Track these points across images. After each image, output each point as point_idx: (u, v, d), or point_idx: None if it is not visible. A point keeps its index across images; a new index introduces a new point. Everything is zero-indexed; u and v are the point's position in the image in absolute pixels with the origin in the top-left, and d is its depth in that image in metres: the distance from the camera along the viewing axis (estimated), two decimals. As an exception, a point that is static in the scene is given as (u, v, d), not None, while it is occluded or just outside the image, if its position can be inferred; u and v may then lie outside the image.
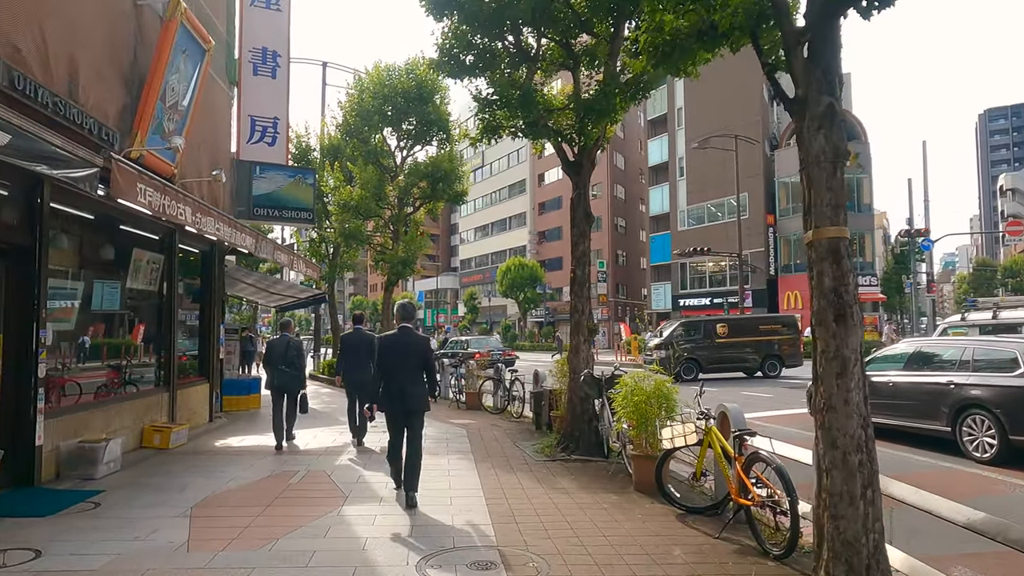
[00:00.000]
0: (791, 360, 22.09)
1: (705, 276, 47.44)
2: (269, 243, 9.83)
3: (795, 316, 24.60)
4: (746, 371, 22.21)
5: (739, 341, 21.96)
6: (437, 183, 19.58)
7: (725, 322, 22.85)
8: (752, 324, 23.03)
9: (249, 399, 14.11)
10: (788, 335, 22.29)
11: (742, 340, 22.00)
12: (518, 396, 12.92)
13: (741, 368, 22.05)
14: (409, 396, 6.44)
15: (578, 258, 9.29)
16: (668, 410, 6.81)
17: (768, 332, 22.18)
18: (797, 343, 22.34)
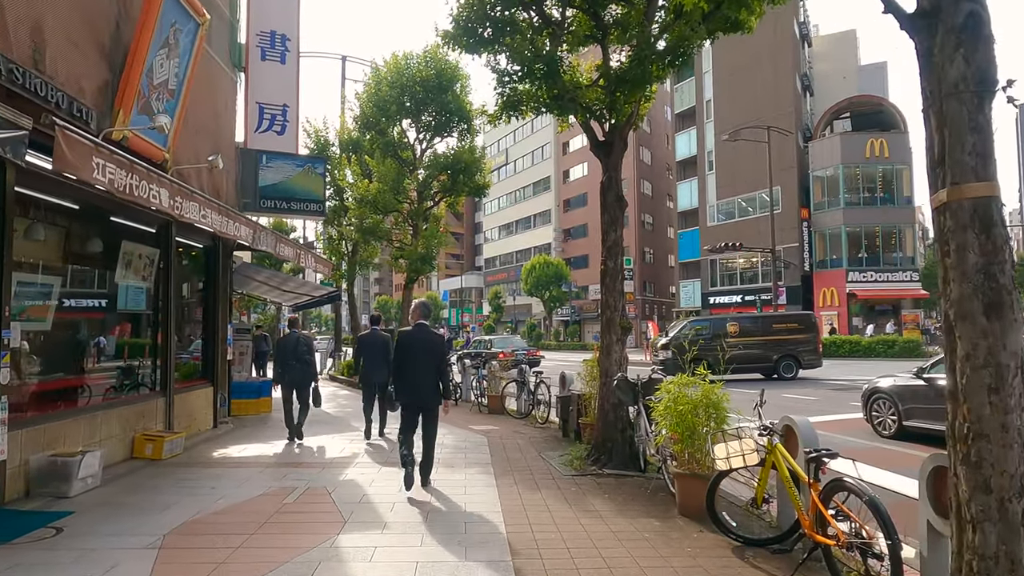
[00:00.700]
0: (809, 361, 20.74)
1: (736, 273, 46.01)
2: (270, 235, 9.03)
3: (811, 314, 23.30)
4: (761, 373, 21.03)
5: (752, 341, 20.76)
6: (457, 175, 18.69)
7: (736, 321, 21.64)
8: (766, 323, 21.78)
9: (259, 403, 13.37)
10: (805, 334, 20.97)
11: (755, 340, 20.80)
12: (543, 400, 12.00)
13: (755, 370, 20.86)
14: (423, 389, 6.84)
15: (609, 248, 8.33)
16: (718, 421, 5.84)
17: (783, 331, 20.94)
18: (815, 342, 21.01)
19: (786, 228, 39.78)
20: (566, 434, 10.32)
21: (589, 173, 63.88)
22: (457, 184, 19.04)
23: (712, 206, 47.21)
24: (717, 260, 46.25)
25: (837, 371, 23.16)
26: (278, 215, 12.24)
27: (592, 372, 9.37)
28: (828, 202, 40.03)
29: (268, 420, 12.38)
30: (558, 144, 68.71)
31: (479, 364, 14.85)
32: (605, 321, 8.34)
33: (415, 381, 6.78)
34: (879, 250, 38.91)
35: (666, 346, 20.96)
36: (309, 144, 24.12)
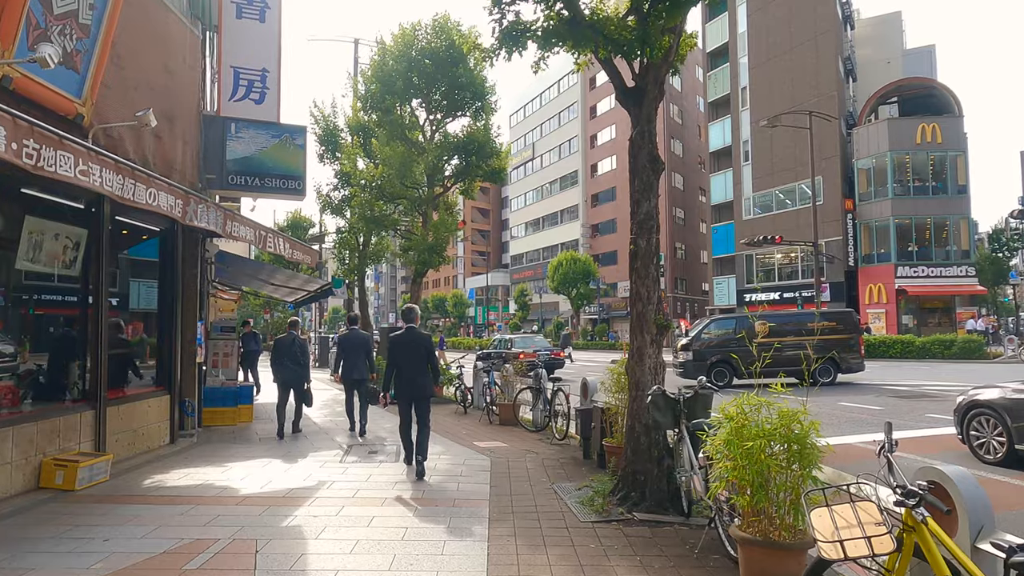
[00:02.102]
0: (849, 363, 18.37)
1: (773, 268, 43.55)
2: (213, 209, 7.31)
3: (852, 312, 20.90)
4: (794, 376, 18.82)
5: (784, 341, 18.56)
6: (470, 156, 16.83)
7: (766, 319, 19.40)
8: (800, 321, 19.48)
9: (238, 411, 11.70)
10: (845, 334, 18.61)
11: (788, 340, 18.60)
12: (561, 410, 10.12)
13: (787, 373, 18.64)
14: (417, 384, 7.65)
15: (640, 222, 6.43)
16: (806, 463, 3.93)
17: (820, 331, 18.68)
18: (856, 343, 18.60)
19: (828, 221, 37.28)
20: (587, 455, 8.46)
21: (618, 167, 61.73)
22: (470, 167, 17.17)
23: (747, 198, 44.78)
24: (753, 255, 43.87)
25: (891, 374, 20.87)
26: (249, 194, 10.54)
27: (619, 381, 7.49)
28: (874, 192, 37.41)
29: (244, 432, 10.70)
30: (586, 137, 66.65)
31: (489, 367, 13.02)
32: (635, 317, 6.44)
33: (409, 376, 7.62)
34: (931, 243, 36.22)
35: (687, 347, 18.92)
36: (317, 131, 22.55)
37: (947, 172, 36.33)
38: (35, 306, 7.36)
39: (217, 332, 13.81)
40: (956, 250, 36.17)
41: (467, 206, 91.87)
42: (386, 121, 16.91)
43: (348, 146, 18.52)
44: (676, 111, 58.12)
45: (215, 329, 13.88)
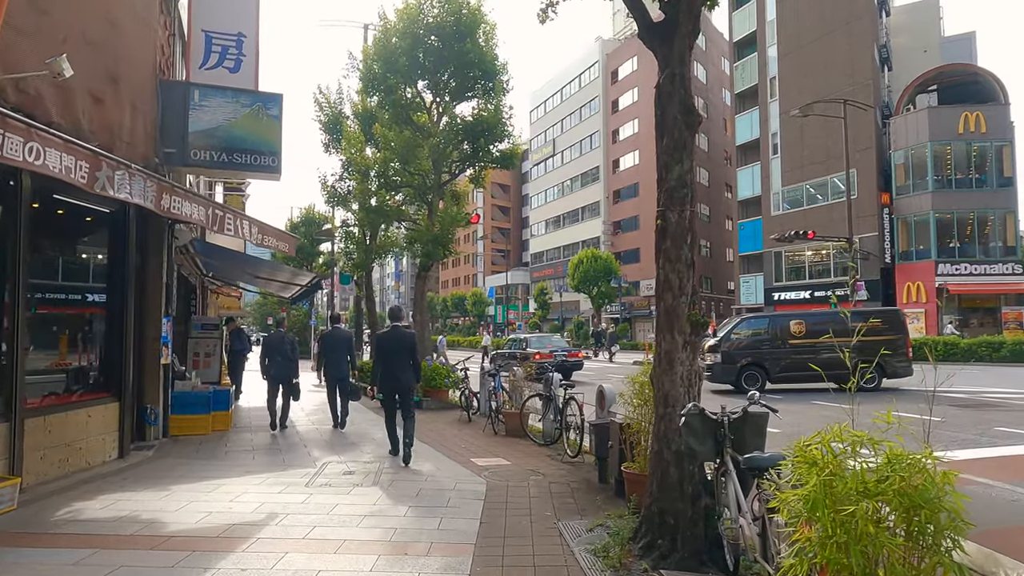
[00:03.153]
0: (896, 367, 16.59)
1: (803, 266, 41.65)
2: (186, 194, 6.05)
3: (898, 310, 19.16)
4: (834, 381, 17.12)
5: (822, 343, 16.90)
6: (478, 139, 15.42)
7: (802, 318, 17.72)
8: (840, 321, 17.70)
9: (214, 418, 10.44)
10: (891, 335, 16.79)
11: (826, 342, 16.93)
12: (574, 422, 8.70)
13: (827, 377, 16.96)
14: (401, 379, 8.19)
15: (670, 190, 5.00)
16: (938, 539, 2.49)
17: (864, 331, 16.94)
18: (903, 345, 16.72)
19: (863, 215, 35.37)
20: (603, 479, 7.05)
21: (641, 162, 60.08)
22: (478, 150, 15.76)
23: (776, 193, 42.92)
24: (782, 252, 42.00)
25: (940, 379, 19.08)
26: (215, 171, 9.26)
27: (642, 392, 6.06)
28: (913, 185, 35.40)
29: (213, 443, 9.43)
30: (607, 132, 65.04)
31: (495, 370, 11.61)
32: (663, 312, 5.02)
33: (394, 373, 8.10)
34: (974, 239, 34.14)
35: (715, 348, 17.33)
36: (321, 118, 21.33)
37: (991, 163, 34.22)
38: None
39: (197, 330, 12.63)
40: (1001, 246, 34.05)
41: (487, 203, 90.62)
42: (388, 101, 15.59)
43: (351, 132, 17.21)
44: (701, 104, 56.23)
45: (195, 327, 12.70)
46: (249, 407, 13.93)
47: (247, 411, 13.39)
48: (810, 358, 16.80)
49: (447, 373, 14.23)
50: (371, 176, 15.91)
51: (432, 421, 12.13)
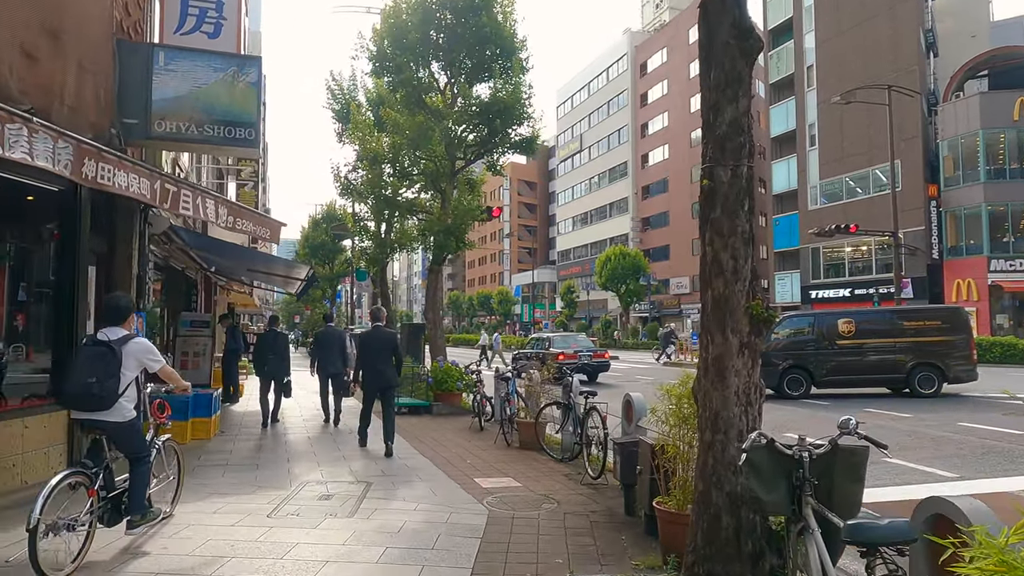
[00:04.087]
0: (958, 371, 14.87)
1: (843, 263, 39.69)
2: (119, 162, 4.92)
3: (961, 309, 17.42)
4: (887, 386, 15.53)
5: (874, 344, 15.27)
6: (494, 121, 14.13)
7: (852, 317, 16.11)
8: (894, 320, 16.05)
9: (196, 425, 9.38)
10: (952, 335, 15.02)
11: (878, 343, 15.30)
12: (596, 436, 7.40)
13: (877, 382, 15.35)
14: (384, 375, 8.74)
15: (721, 139, 3.71)
16: None
17: (919, 331, 15.24)
18: (966, 347, 15.02)
19: (908, 209, 33.32)
20: (630, 510, 5.77)
21: (670, 156, 58.38)
22: (495, 134, 14.47)
23: (814, 187, 41.01)
24: (820, 248, 40.09)
25: (1005, 383, 17.38)
26: (183, 145, 8.13)
27: (680, 408, 4.77)
28: (963, 176, 33.31)
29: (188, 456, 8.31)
30: (636, 127, 63.42)
31: (505, 374, 10.33)
32: (712, 304, 3.73)
33: (377, 368, 8.72)
34: (1030, 233, 31.98)
35: None
36: (334, 106, 20.30)
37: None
38: None
39: (186, 328, 11.59)
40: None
41: (514, 200, 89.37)
42: (398, 82, 14.42)
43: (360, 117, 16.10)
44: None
45: (183, 324, 11.67)
46: (244, 411, 12.88)
47: (241, 415, 12.34)
48: (860, 360, 15.31)
49: (460, 375, 13.03)
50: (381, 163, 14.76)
51: (440, 428, 10.94)
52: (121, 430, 4.67)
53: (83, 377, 4.46)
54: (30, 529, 3.81)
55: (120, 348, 4.59)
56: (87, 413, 4.60)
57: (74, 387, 4.50)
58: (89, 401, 4.50)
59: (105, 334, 4.67)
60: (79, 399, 4.56)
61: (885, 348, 15.26)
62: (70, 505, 4.27)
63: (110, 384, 4.47)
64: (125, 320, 4.83)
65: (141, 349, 4.76)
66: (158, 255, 11.03)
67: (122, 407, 4.60)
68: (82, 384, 4.44)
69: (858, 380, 15.31)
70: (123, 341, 4.65)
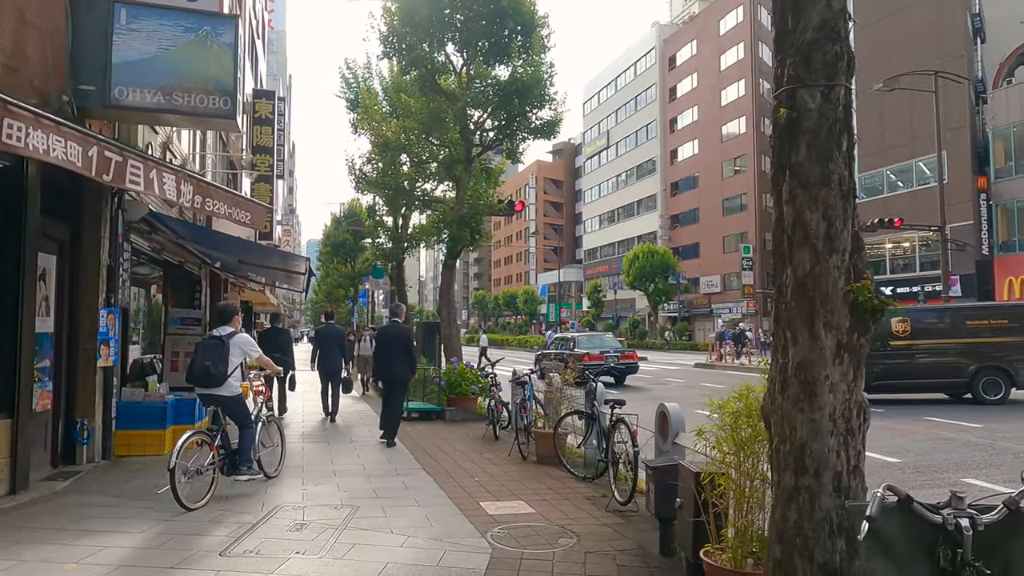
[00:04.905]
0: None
1: (883, 260, 37.83)
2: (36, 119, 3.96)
3: None
4: (945, 392, 14.07)
5: (931, 345, 13.82)
6: (511, 100, 12.98)
7: (906, 315, 14.65)
8: (955, 319, 14.54)
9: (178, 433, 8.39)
10: (1020, 336, 13.43)
11: (936, 344, 13.83)
12: (624, 452, 6.25)
13: (935, 387, 13.89)
14: (392, 368, 9.13)
15: (805, 50, 2.57)
16: None
17: (983, 331, 13.74)
18: None
19: (955, 202, 31.48)
20: (666, 551, 4.66)
21: (700, 151, 56.75)
22: (513, 115, 13.31)
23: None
24: (859, 245, 38.27)
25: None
26: (150, 115, 7.14)
27: (736, 431, 3.61)
28: (1015, 167, 31.38)
29: (158, 470, 7.34)
30: (664, 122, 61.86)
31: (527, 377, 9.21)
32: (793, 287, 2.59)
33: (388, 361, 9.17)
34: (1088, 227, 29.98)
35: None
36: (349, 95, 19.35)
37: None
38: None
39: (176, 325, 10.69)
40: None
41: (540, 199, 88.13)
42: (409, 60, 13.38)
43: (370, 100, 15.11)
44: (766, 88, 52.58)
45: (174, 321, 10.76)
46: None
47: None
48: (916, 363, 13.91)
49: (475, 378, 11.96)
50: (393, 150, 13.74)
51: (450, 437, 9.88)
52: (230, 402, 6.38)
53: (203, 361, 6.14)
54: (170, 469, 5.44)
55: (228, 340, 6.30)
56: (206, 389, 6.27)
57: (197, 369, 6.16)
58: (207, 379, 6.17)
59: (218, 331, 6.44)
60: (200, 378, 6.21)
61: (944, 350, 13.84)
62: (199, 457, 5.96)
63: (221, 367, 6.17)
64: (231, 320, 6.55)
65: (243, 342, 6.50)
66: (146, 247, 10.14)
67: (230, 385, 6.28)
68: (202, 367, 6.13)
69: (913, 385, 13.92)
70: (230, 336, 6.36)
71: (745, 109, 51.78)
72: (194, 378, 6.30)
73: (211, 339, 6.41)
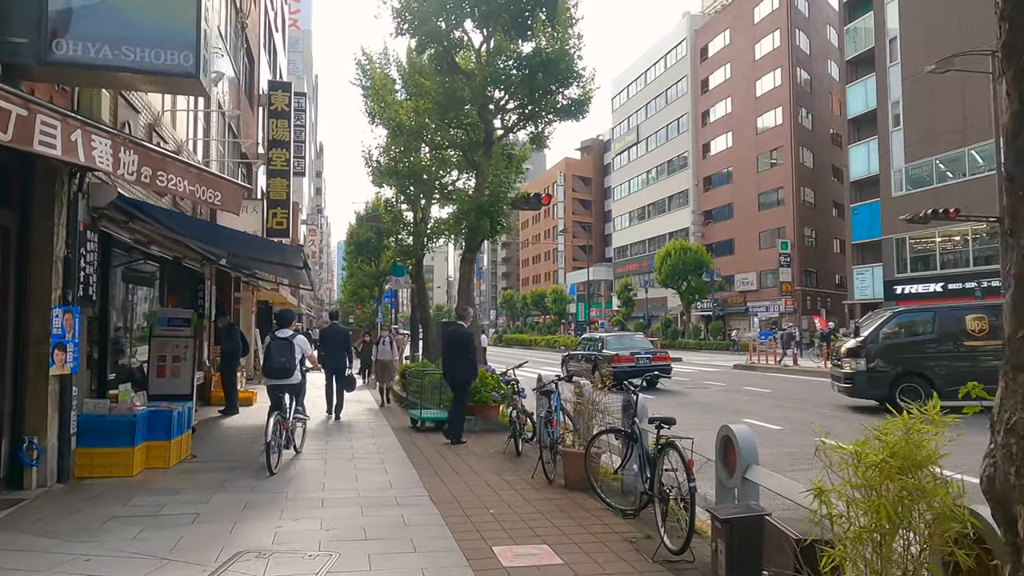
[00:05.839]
0: None
1: (932, 255, 35.80)
2: None
3: None
4: None
5: None
6: (535, 75, 11.67)
7: (984, 312, 13.01)
8: None
9: (147, 451, 7.35)
10: None
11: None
12: (673, 486, 4.94)
13: None
14: (459, 371, 9.32)
15: None
16: None
17: None
18: None
19: (1013, 192, 29.42)
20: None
21: (733, 145, 54.86)
22: (536, 92, 11.98)
23: (898, 171, 37.18)
24: (906, 239, 36.31)
25: None
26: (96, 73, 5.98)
27: (878, 492, 2.29)
28: (1080, 153, 29.16)
29: (114, 498, 6.24)
30: (696, 115, 60.03)
31: (553, 386, 7.94)
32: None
33: (453, 362, 9.32)
34: None
35: (856, 352, 13.02)
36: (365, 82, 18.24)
37: None
38: None
39: (163, 326, 9.62)
40: None
41: (568, 197, 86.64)
42: (424, 35, 12.18)
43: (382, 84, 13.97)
44: (804, 77, 50.51)
45: (159, 322, 9.69)
46: (241, 426, 10.91)
47: (235, 431, 10.35)
48: (996, 366, 12.36)
49: (496, 384, 10.73)
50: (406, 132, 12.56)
51: (466, 451, 8.68)
52: (296, 388, 8.28)
53: (278, 359, 7.97)
54: (267, 443, 7.19)
55: (292, 340, 8.15)
56: (280, 380, 7.95)
57: (275, 364, 7.94)
58: (283, 373, 7.95)
59: (281, 333, 8.22)
60: (278, 372, 7.95)
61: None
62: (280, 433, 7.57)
63: (292, 362, 8.02)
64: (290, 324, 8.46)
65: (302, 342, 8.39)
66: (128, 239, 9.09)
67: (296, 375, 8.15)
68: (279, 363, 7.94)
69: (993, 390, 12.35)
70: (293, 336, 8.26)
71: (781, 99, 49.79)
72: (273, 372, 7.98)
73: (280, 340, 8.11)
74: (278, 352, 7.93)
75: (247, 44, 20.32)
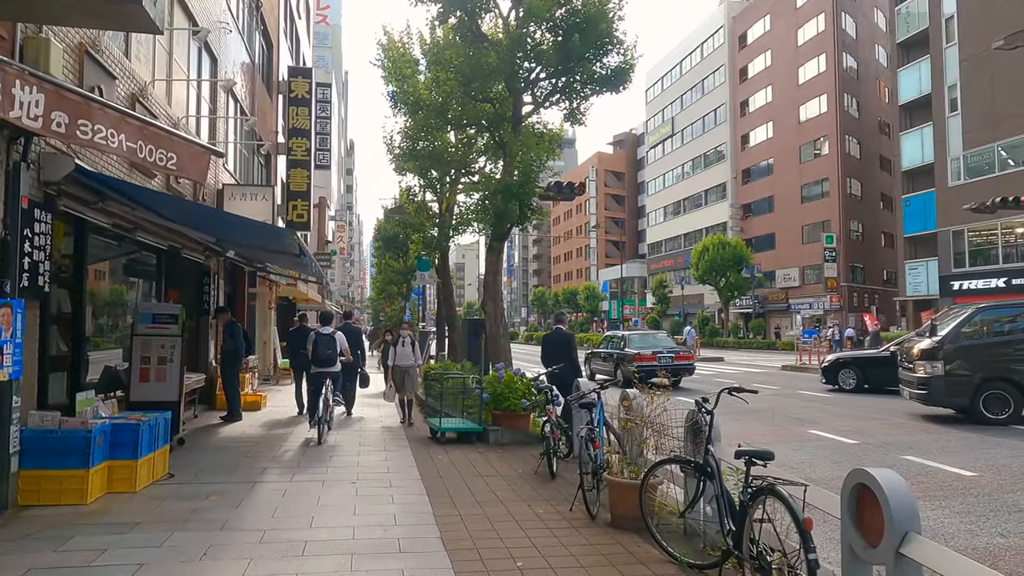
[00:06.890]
0: None
1: (994, 248, 33.45)
2: None
3: None
4: None
5: None
6: (570, 37, 10.22)
7: None
8: None
9: (110, 472, 6.15)
10: None
11: None
12: (775, 548, 3.54)
13: None
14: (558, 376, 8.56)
15: None
16: None
17: None
18: None
19: (1088, 179, 27.20)
20: None
21: (774, 135, 52.67)
22: (572, 58, 10.53)
23: (955, 159, 34.85)
24: (964, 231, 34.03)
25: None
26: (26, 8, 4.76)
27: None
28: None
29: (57, 539, 5.04)
30: (735, 104, 57.87)
31: (595, 395, 6.54)
32: None
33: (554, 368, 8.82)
34: None
35: (932, 354, 11.37)
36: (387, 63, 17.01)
37: None
38: None
39: (146, 323, 8.46)
40: None
41: (600, 192, 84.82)
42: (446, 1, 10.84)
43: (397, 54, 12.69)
44: (850, 63, 48.12)
45: (142, 319, 8.52)
46: (238, 435, 9.72)
47: (229, 441, 9.15)
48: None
49: (525, 390, 9.36)
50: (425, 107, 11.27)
51: (490, 472, 7.35)
52: (337, 375, 10.18)
53: (325, 351, 9.82)
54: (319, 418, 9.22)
55: (334, 335, 10.09)
56: (326, 368, 9.80)
57: (323, 355, 9.78)
58: (328, 362, 9.84)
59: (324, 329, 10.11)
60: (325, 362, 9.82)
61: None
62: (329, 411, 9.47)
63: (336, 353, 9.97)
64: (331, 322, 10.57)
65: (340, 337, 10.32)
66: (106, 223, 7.92)
67: (338, 364, 10.09)
68: (325, 354, 9.79)
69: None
70: (335, 332, 10.27)
71: (826, 86, 47.50)
72: (321, 361, 9.74)
73: (325, 336, 9.93)
74: (324, 345, 9.77)
75: (263, 25, 19.24)
